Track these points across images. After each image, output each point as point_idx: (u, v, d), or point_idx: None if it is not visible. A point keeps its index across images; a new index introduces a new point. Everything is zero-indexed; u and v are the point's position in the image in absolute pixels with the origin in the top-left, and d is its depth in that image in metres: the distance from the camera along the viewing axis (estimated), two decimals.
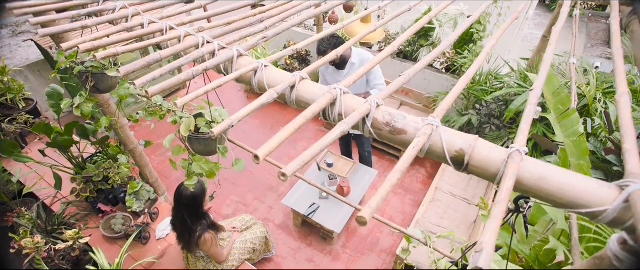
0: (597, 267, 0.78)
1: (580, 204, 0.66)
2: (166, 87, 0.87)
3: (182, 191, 2.10)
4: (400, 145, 0.84)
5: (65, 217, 2.92)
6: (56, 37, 2.05)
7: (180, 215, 2.15)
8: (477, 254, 0.52)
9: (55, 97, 2.75)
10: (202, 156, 1.45)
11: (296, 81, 0.93)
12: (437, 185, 3.30)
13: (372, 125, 0.84)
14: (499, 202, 0.60)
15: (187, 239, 2.19)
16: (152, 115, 1.79)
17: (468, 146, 0.75)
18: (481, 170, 0.75)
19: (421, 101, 3.99)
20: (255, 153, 0.67)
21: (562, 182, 0.67)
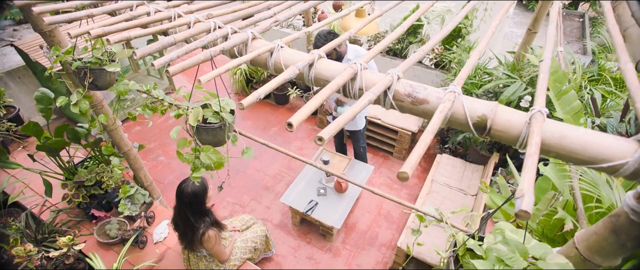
0: (613, 224, 0.82)
1: (602, 158, 0.69)
2: (187, 66, 0.87)
3: (183, 189, 2.07)
4: (422, 115, 0.86)
5: (56, 224, 2.82)
6: (47, 36, 1.99)
7: (182, 213, 2.11)
8: (518, 199, 0.55)
9: (44, 101, 2.67)
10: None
11: (314, 59, 0.94)
12: (433, 177, 3.35)
13: (394, 98, 0.86)
14: (531, 155, 0.63)
15: (190, 238, 2.15)
16: (153, 111, 1.76)
17: (490, 111, 0.78)
18: (503, 134, 0.77)
19: None
20: (289, 121, 0.68)
21: (584, 139, 0.71)
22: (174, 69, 0.84)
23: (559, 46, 2.27)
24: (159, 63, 0.87)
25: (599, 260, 0.89)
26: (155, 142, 4.33)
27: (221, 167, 1.51)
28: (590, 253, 0.89)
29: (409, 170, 0.59)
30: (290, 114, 4.84)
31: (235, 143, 1.49)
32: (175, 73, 0.84)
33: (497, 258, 0.95)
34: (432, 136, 0.69)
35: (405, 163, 0.61)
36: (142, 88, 1.76)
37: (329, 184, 3.32)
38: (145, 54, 0.92)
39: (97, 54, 1.64)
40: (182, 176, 3.96)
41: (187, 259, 2.44)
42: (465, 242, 1.03)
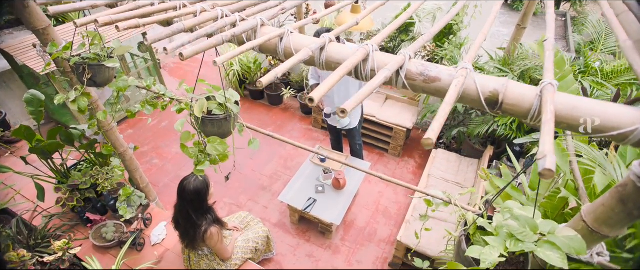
0: (621, 194, 0.85)
1: (612, 127, 0.72)
2: (199, 50, 0.87)
3: (185, 186, 2.04)
4: (434, 93, 0.88)
5: (49, 230, 2.75)
6: (41, 34, 1.96)
7: (184, 211, 2.09)
8: (541, 160, 0.56)
9: (35, 103, 2.62)
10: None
11: (326, 42, 0.95)
12: (429, 172, 3.39)
13: (406, 77, 0.88)
14: (547, 122, 0.65)
15: (192, 236, 2.12)
16: (153, 107, 1.74)
17: (501, 86, 0.80)
18: (515, 108, 0.80)
19: (406, 94, 4.11)
20: (310, 96, 0.68)
21: (593, 108, 0.73)
22: (188, 52, 0.84)
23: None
24: (171, 48, 0.87)
25: (607, 231, 0.91)
26: (149, 145, 4.27)
27: (226, 160, 1.50)
28: (597, 224, 0.92)
29: (433, 136, 0.60)
30: (284, 115, 4.85)
31: (242, 133, 1.49)
32: (189, 56, 0.84)
33: (508, 233, 0.97)
34: (449, 108, 0.70)
35: (429, 130, 0.62)
36: (141, 84, 1.74)
37: (326, 181, 3.33)
38: (156, 39, 0.92)
39: (96, 50, 1.62)
40: (177, 179, 3.90)
41: (187, 258, 2.41)
42: (476, 220, 1.05)
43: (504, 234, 0.97)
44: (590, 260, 0.98)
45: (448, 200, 1.31)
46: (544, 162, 0.55)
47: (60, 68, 1.80)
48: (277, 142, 4.38)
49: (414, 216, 2.98)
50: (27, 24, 1.91)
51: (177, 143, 4.35)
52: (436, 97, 3.29)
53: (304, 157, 4.15)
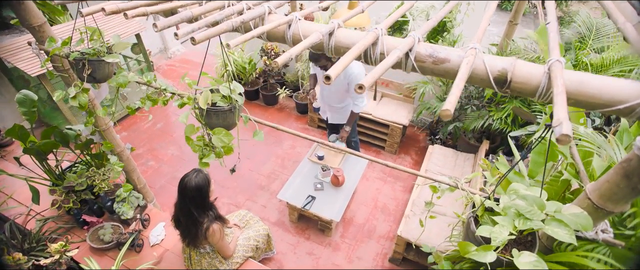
0: (625, 169, 0.88)
1: (619, 100, 0.74)
2: (210, 34, 0.87)
3: (186, 183, 2.02)
4: (443, 74, 0.89)
5: (44, 233, 2.69)
6: (36, 31, 1.93)
7: (185, 208, 2.07)
8: (557, 127, 0.58)
9: (27, 104, 2.57)
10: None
11: (334, 28, 0.96)
12: (426, 167, 3.42)
13: (415, 59, 0.89)
14: (558, 93, 0.67)
15: (193, 233, 2.10)
16: (154, 103, 1.73)
17: (509, 64, 0.82)
18: (523, 85, 0.82)
19: (402, 91, 4.15)
20: (327, 74, 0.69)
21: (600, 83, 0.76)
22: (200, 36, 0.84)
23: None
24: (182, 33, 0.87)
25: (611, 207, 0.94)
26: (144, 147, 4.22)
27: (231, 152, 1.50)
28: (602, 201, 0.95)
29: (450, 107, 0.62)
30: (280, 115, 4.84)
31: (247, 123, 1.49)
32: (201, 41, 0.84)
33: (516, 213, 0.99)
34: (462, 83, 0.72)
35: (446, 103, 0.64)
36: (142, 79, 1.73)
37: (325, 179, 3.33)
38: (165, 26, 0.92)
39: (95, 45, 1.61)
40: (174, 180, 3.87)
41: (188, 257, 2.38)
42: (484, 202, 1.06)
43: (512, 214, 0.99)
44: (596, 237, 1.01)
45: (454, 184, 1.33)
46: (560, 129, 0.57)
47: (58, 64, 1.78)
48: (274, 141, 4.38)
49: (413, 211, 3.00)
50: (23, 21, 1.88)
51: (173, 145, 4.32)
52: (428, 97, 3.29)
53: (301, 156, 4.15)
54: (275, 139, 4.43)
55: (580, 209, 0.95)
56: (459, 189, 1.28)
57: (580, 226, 0.92)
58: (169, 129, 4.57)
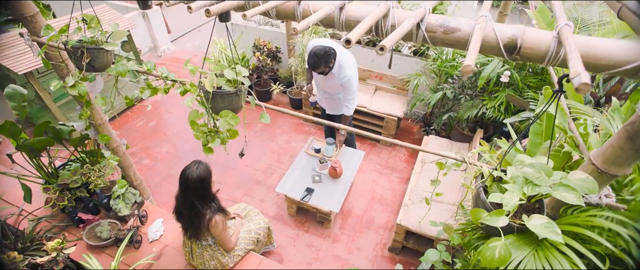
0: (629, 132, 0.91)
1: (625, 61, 0.77)
2: (224, 8, 0.87)
3: (188, 174, 2.00)
4: (454, 44, 0.91)
5: (38, 232, 2.63)
6: (29, 21, 1.89)
7: (187, 200, 2.04)
8: (575, 78, 0.61)
9: (17, 98, 2.52)
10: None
11: (345, 2, 0.97)
12: (422, 157, 3.47)
13: (426, 29, 0.91)
14: (572, 51, 0.69)
15: (196, 225, 2.08)
16: (154, 91, 1.71)
17: (519, 31, 0.85)
18: (532, 51, 0.84)
19: (395, 84, 4.19)
20: (347, 37, 0.70)
21: (607, 46, 0.79)
22: (215, 9, 0.84)
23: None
24: (196, 6, 0.87)
25: (615, 170, 0.98)
26: (137, 146, 4.16)
27: (236, 136, 1.50)
28: (606, 165, 0.99)
29: (471, 62, 0.63)
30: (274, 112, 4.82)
31: (254, 106, 1.49)
32: (216, 13, 0.84)
33: (524, 180, 1.02)
34: (478, 44, 0.74)
35: (466, 59, 0.65)
36: (141, 68, 1.71)
37: (323, 171, 3.34)
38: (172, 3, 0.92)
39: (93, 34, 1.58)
40: (169, 177, 3.83)
41: (189, 251, 2.36)
42: (491, 173, 1.09)
43: (521, 181, 1.02)
44: (599, 202, 1.04)
45: (461, 159, 1.36)
46: (579, 79, 0.59)
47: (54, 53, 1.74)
48: (268, 137, 4.37)
49: (412, 200, 3.04)
50: (15, 12, 1.84)
51: (166, 143, 4.27)
52: (422, 89, 3.33)
53: (296, 150, 4.15)
54: (270, 134, 4.42)
55: (585, 174, 0.99)
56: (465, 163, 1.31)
57: (587, 189, 0.96)
58: (162, 127, 4.51)
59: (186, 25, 7.06)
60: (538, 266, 0.90)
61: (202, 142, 1.59)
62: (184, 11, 8.33)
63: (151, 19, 5.53)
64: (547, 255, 0.93)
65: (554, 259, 0.91)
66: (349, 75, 2.86)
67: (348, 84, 2.89)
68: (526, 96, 2.98)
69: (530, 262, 0.92)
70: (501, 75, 3.04)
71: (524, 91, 3.10)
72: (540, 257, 0.93)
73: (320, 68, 2.74)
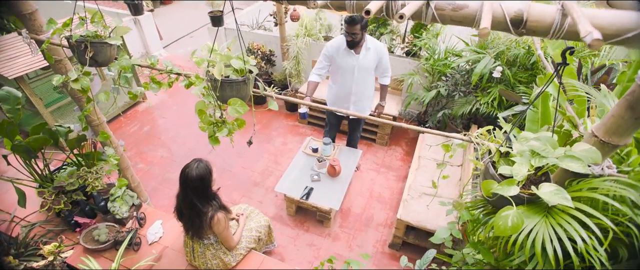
0: (629, 101, 0.96)
1: (627, 29, 0.82)
2: None
3: (188, 173, 1.98)
4: (462, 21, 0.95)
5: (33, 237, 2.56)
6: (28, 19, 1.88)
7: (188, 199, 2.02)
8: (587, 36, 0.65)
9: (11, 101, 2.48)
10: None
11: None
12: (419, 154, 3.51)
13: (436, 7, 0.95)
14: (579, 17, 0.74)
15: (198, 224, 2.06)
16: (158, 86, 1.71)
17: (525, 5, 0.89)
18: (538, 24, 0.89)
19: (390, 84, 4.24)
20: (367, 8, 0.73)
21: (609, 16, 0.84)
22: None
23: None
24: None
25: (617, 140, 1.02)
26: (132, 151, 4.11)
27: (243, 126, 1.51)
28: (608, 135, 1.03)
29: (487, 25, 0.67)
30: (269, 113, 4.84)
31: (263, 92, 1.50)
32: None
33: (531, 152, 1.06)
34: (490, 13, 0.78)
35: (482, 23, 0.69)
36: (144, 62, 1.71)
37: (321, 170, 3.35)
38: None
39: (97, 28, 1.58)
40: (165, 181, 3.78)
41: (191, 251, 2.33)
42: (499, 148, 1.13)
43: (528, 155, 1.06)
44: (602, 173, 1.09)
45: (467, 139, 1.39)
46: (590, 36, 0.63)
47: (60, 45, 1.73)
48: (264, 139, 4.37)
49: (411, 195, 3.07)
50: (13, 8, 1.83)
51: (161, 147, 4.22)
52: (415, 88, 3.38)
53: (293, 152, 4.16)
54: (266, 136, 4.42)
55: (588, 145, 1.03)
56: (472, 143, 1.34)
57: (591, 159, 1.00)
58: (156, 132, 4.47)
59: (178, 32, 7.05)
60: (550, 231, 0.94)
61: (208, 134, 1.60)
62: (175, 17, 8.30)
63: (143, 25, 5.51)
64: (559, 221, 0.97)
65: (566, 223, 0.94)
66: (384, 49, 2.99)
67: (386, 52, 3.00)
68: (518, 91, 3.07)
69: (542, 228, 0.95)
70: (493, 71, 3.13)
71: (516, 86, 3.19)
72: (552, 223, 0.96)
73: (357, 27, 2.72)
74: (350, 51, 2.92)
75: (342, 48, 2.94)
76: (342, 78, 3.09)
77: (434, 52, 3.85)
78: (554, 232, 0.94)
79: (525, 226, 0.96)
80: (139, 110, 4.83)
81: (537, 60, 3.07)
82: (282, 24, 4.46)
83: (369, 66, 3.00)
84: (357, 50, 2.93)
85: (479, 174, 1.64)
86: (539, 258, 0.93)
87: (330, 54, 3.00)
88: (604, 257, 0.95)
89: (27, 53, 3.49)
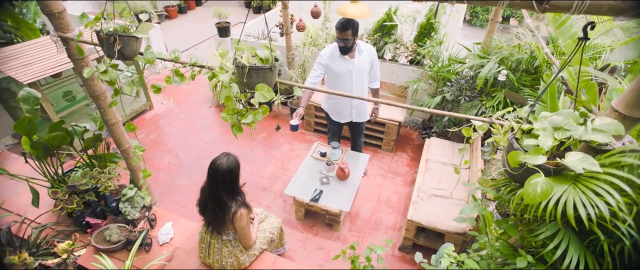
0: None
1: None
2: None
3: (218, 165, 2.01)
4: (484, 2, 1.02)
5: (45, 237, 2.54)
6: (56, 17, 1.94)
7: (215, 192, 2.04)
8: None
9: (31, 101, 2.53)
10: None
11: None
12: (427, 157, 3.55)
13: None
14: None
15: (221, 218, 2.08)
16: (182, 78, 1.76)
17: None
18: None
19: (394, 91, 4.33)
20: None
21: None
22: None
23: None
24: None
25: (637, 113, 1.07)
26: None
27: (267, 113, 1.55)
28: (629, 109, 1.08)
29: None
30: (275, 121, 4.88)
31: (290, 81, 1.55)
32: None
33: (553, 127, 1.10)
34: None
35: None
36: (168, 56, 1.76)
37: (330, 173, 3.37)
38: None
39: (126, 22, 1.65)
40: (173, 187, 3.78)
41: (206, 247, 2.32)
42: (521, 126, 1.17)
43: (550, 130, 1.10)
44: (624, 148, 1.13)
45: (489, 121, 1.43)
46: None
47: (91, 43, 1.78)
48: (271, 146, 4.40)
49: (420, 197, 3.08)
50: (42, 8, 1.90)
51: (168, 153, 4.24)
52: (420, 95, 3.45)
53: (300, 158, 4.18)
54: (273, 143, 4.46)
55: (610, 119, 1.08)
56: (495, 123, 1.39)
57: (614, 131, 1.04)
58: (163, 139, 4.50)
59: (183, 45, 7.18)
60: (580, 196, 0.97)
61: (231, 123, 1.64)
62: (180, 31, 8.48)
63: (150, 36, 5.63)
64: (588, 185, 1.00)
65: (597, 188, 0.97)
66: (374, 51, 3.08)
67: (376, 54, 3.08)
68: (523, 94, 3.14)
69: (572, 193, 0.98)
70: (498, 75, 3.21)
71: (520, 90, 3.27)
72: (581, 188, 0.99)
73: (349, 32, 2.78)
74: (345, 57, 2.99)
75: (336, 55, 3.00)
76: (342, 84, 3.13)
77: (438, 60, 3.94)
78: (584, 197, 0.97)
79: (554, 193, 0.99)
80: (145, 118, 4.87)
81: (541, 63, 3.16)
82: (288, 34, 4.56)
83: (364, 68, 3.07)
84: (351, 54, 3.00)
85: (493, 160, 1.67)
86: (571, 219, 0.96)
87: (325, 62, 3.04)
88: (634, 226, 0.98)
89: (40, 60, 3.56)
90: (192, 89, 5.56)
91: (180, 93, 5.43)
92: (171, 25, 8.34)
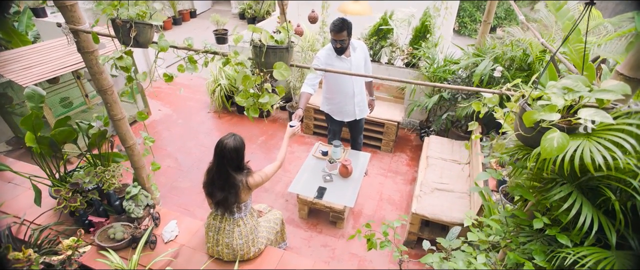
0: None
1: None
2: None
3: (225, 145, 2.09)
4: None
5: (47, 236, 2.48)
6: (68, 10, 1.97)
7: (223, 170, 2.09)
8: None
9: (35, 99, 2.52)
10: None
11: None
12: (427, 154, 3.60)
13: None
14: None
15: (233, 195, 2.11)
16: (194, 66, 1.79)
17: None
18: None
19: (392, 93, 4.42)
20: None
21: None
22: None
23: None
24: None
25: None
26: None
27: (283, 93, 1.58)
28: (633, 71, 1.15)
29: None
30: (274, 125, 4.91)
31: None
32: None
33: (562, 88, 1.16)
34: None
35: None
36: (182, 44, 1.80)
37: (333, 171, 3.39)
38: None
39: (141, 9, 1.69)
40: (173, 190, 3.75)
41: (215, 233, 2.29)
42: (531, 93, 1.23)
43: (561, 93, 1.17)
44: (629, 110, 1.20)
45: (499, 92, 1.49)
46: None
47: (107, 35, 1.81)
48: (271, 148, 4.41)
49: (423, 191, 3.12)
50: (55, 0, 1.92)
51: (167, 158, 4.21)
52: (417, 96, 3.54)
53: (300, 159, 4.20)
54: (273, 145, 4.47)
55: (616, 81, 1.15)
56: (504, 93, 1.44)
57: (622, 91, 1.11)
58: (162, 144, 4.47)
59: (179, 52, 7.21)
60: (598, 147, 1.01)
61: (247, 106, 1.67)
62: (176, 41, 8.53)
63: None
64: (603, 136, 1.05)
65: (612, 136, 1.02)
66: (362, 42, 3.18)
67: (368, 51, 3.17)
68: None
69: (587, 146, 1.03)
70: (493, 72, 3.32)
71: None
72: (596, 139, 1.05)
73: (344, 33, 2.86)
74: (341, 56, 3.06)
75: (332, 56, 3.07)
76: (342, 84, 3.20)
77: (434, 61, 4.06)
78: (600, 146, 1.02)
79: (570, 146, 1.04)
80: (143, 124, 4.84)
81: (534, 60, 3.29)
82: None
83: (361, 64, 3.16)
84: (346, 53, 3.08)
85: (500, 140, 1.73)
86: (590, 167, 1.00)
87: (322, 64, 3.07)
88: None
89: (40, 63, 3.56)
90: (190, 95, 5.58)
91: (178, 100, 5.43)
92: (166, 36, 8.37)
